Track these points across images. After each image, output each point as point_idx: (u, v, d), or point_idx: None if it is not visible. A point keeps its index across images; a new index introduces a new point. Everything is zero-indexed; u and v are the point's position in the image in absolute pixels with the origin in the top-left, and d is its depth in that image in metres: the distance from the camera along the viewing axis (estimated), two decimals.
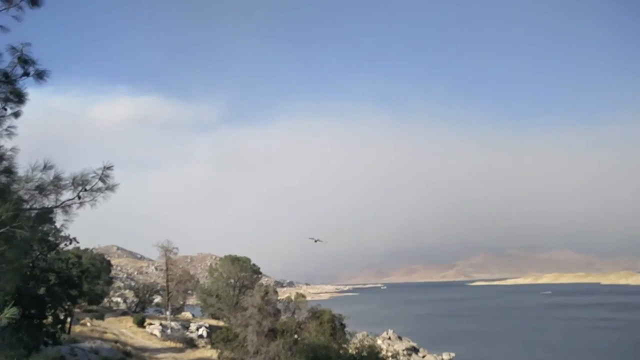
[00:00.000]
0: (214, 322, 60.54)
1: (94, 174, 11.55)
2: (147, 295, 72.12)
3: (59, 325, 27.75)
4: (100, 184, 11.63)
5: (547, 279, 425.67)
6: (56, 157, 11.27)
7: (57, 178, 11.14)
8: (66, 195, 11.46)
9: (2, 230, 9.85)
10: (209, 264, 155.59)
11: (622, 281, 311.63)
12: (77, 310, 49.14)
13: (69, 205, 11.46)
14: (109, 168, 11.69)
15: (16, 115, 11.59)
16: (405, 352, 69.99)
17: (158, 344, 45.88)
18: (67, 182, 11.35)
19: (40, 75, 11.59)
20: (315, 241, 76.40)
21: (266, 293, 33.10)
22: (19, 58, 11.30)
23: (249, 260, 63.97)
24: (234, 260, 63.24)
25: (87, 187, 11.49)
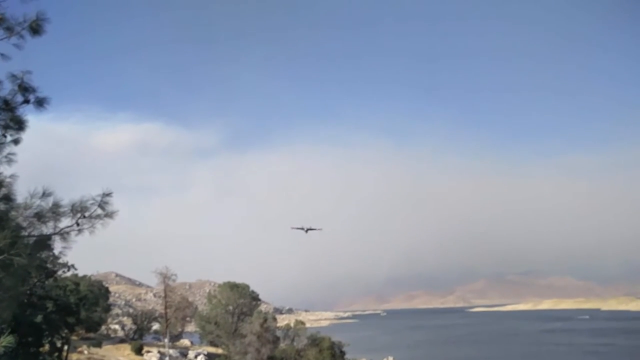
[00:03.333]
0: (212, 350, 59.73)
1: (93, 201, 11.53)
2: (145, 323, 71.31)
3: (56, 354, 27.36)
4: (99, 211, 11.59)
5: (546, 304, 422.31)
6: (56, 184, 11.27)
7: (56, 205, 11.11)
8: (65, 222, 11.43)
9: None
10: (207, 291, 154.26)
11: (622, 307, 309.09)
12: (74, 337, 48.50)
13: (68, 232, 11.40)
14: (108, 195, 11.67)
15: (16, 142, 11.62)
16: None
17: None
18: (66, 209, 11.32)
19: (40, 103, 11.66)
20: (307, 231, 73.77)
21: (265, 320, 32.75)
22: (19, 86, 11.38)
23: (247, 286, 63.49)
24: (233, 286, 62.76)
25: (86, 214, 11.45)
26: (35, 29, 11.17)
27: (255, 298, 64.40)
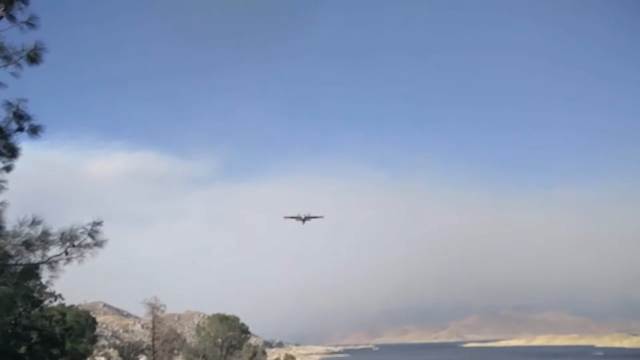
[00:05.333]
0: None
1: (83, 230, 11.46)
2: (132, 355, 69.88)
3: None
4: (89, 240, 11.51)
5: (540, 340, 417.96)
6: (48, 212, 11.21)
7: (45, 233, 11.03)
8: (53, 250, 11.32)
9: None
10: (196, 322, 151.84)
11: (617, 344, 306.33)
12: None
13: (56, 261, 11.29)
14: (98, 224, 11.61)
15: (8, 169, 11.59)
16: None
17: None
18: (55, 237, 11.23)
19: (34, 131, 11.69)
20: (304, 220, 67.73)
21: (254, 354, 32.23)
22: (14, 113, 11.43)
23: (237, 319, 62.61)
24: (222, 319, 61.87)
25: (75, 243, 11.36)
26: (33, 58, 11.29)
27: (244, 331, 63.44)
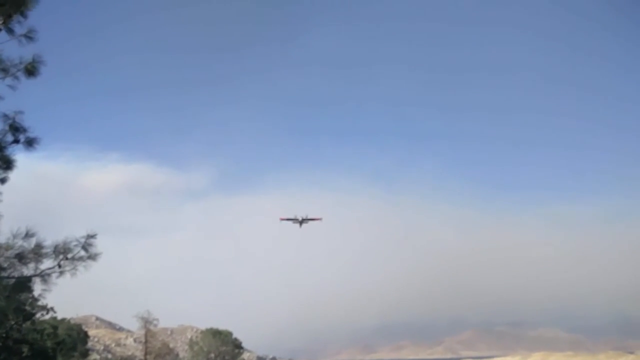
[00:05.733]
0: None
1: (77, 243, 11.42)
2: None
3: None
4: (83, 253, 11.48)
5: (535, 358, 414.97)
6: (43, 223, 11.18)
7: (39, 246, 10.99)
8: (47, 263, 11.28)
9: None
10: (189, 337, 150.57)
11: None
12: None
13: (49, 274, 11.23)
14: (92, 237, 11.58)
15: (2, 181, 11.58)
16: None
17: None
18: (49, 250, 11.19)
19: (30, 143, 11.70)
20: (301, 223, 63.92)
21: None
22: (10, 126, 11.45)
23: (230, 334, 62.20)
24: (216, 333, 61.45)
25: (69, 256, 11.32)
26: (31, 70, 11.35)
27: (238, 345, 63.04)
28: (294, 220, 66.16)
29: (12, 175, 11.76)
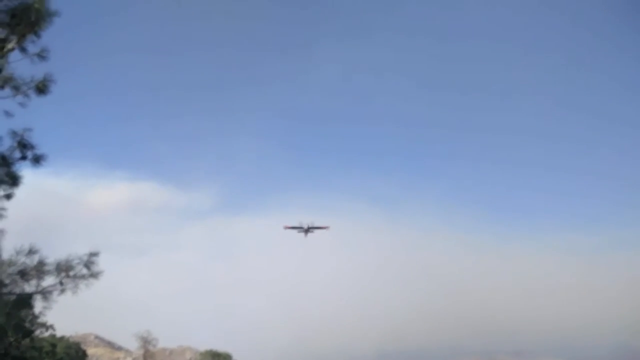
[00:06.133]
0: None
1: (79, 260, 11.43)
2: None
3: None
4: (85, 271, 11.48)
5: None
6: (46, 240, 11.25)
7: (41, 263, 11.00)
8: (48, 280, 11.27)
9: None
10: (188, 358, 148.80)
11: None
12: None
13: (50, 292, 11.22)
14: (95, 255, 11.60)
15: (8, 197, 11.64)
16: None
17: None
18: (51, 267, 11.21)
19: (37, 160, 11.79)
20: (306, 232, 59.71)
21: None
22: (18, 142, 11.57)
23: (229, 356, 61.58)
24: (215, 355, 60.86)
25: (71, 274, 11.32)
26: (42, 89, 11.51)
27: None
28: (299, 228, 63.28)
29: (18, 191, 11.84)
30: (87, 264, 11.50)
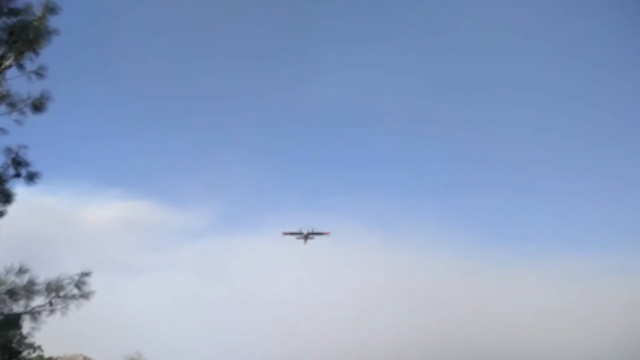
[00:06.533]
0: None
1: (70, 280, 11.25)
2: None
3: None
4: (75, 291, 11.28)
5: None
6: (38, 258, 11.08)
7: (31, 282, 10.81)
8: (38, 300, 11.07)
9: None
10: None
11: None
12: None
13: (39, 312, 11.01)
14: (86, 274, 11.42)
15: (0, 214, 11.50)
16: None
17: None
18: (41, 287, 11.01)
19: (31, 177, 11.68)
20: (306, 238, 57.30)
21: None
22: (13, 159, 11.47)
23: None
24: None
25: (61, 294, 11.12)
26: (38, 106, 11.46)
27: None
28: (298, 234, 60.51)
29: (12, 208, 11.70)
30: (78, 284, 11.31)
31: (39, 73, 11.38)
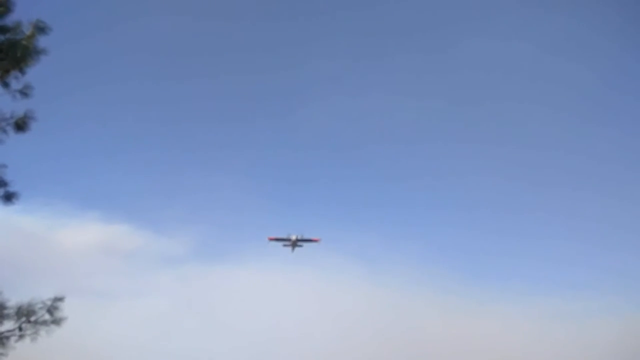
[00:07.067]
0: None
1: (42, 305, 10.93)
2: None
3: None
4: (47, 316, 10.96)
5: None
6: (11, 280, 10.76)
7: (1, 306, 10.49)
8: (7, 325, 10.73)
9: None
10: None
11: None
12: None
13: (7, 337, 10.65)
14: (59, 299, 11.12)
15: None
16: None
17: None
18: (11, 311, 10.68)
19: (9, 197, 11.43)
20: (294, 246, 51.68)
21: None
22: None
23: None
24: None
25: (32, 319, 10.80)
26: (21, 126, 11.30)
27: None
28: (286, 241, 53.50)
29: None
30: (50, 309, 11.00)
31: (24, 92, 11.27)
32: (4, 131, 11.16)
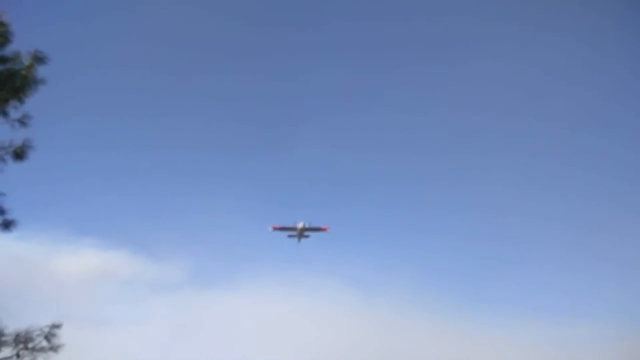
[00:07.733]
0: None
1: (40, 332, 10.95)
2: None
3: None
4: (45, 343, 10.98)
5: None
6: (9, 307, 10.79)
7: None
8: (5, 352, 10.73)
9: None
10: None
11: None
12: None
13: None
14: (57, 326, 11.14)
15: None
16: None
17: None
18: (9, 337, 10.70)
19: (7, 225, 11.53)
20: (300, 237, 48.67)
21: None
22: None
23: None
24: None
25: (30, 346, 10.80)
26: (19, 154, 11.46)
27: None
28: (291, 230, 48.71)
29: None
30: (48, 336, 11.02)
31: (23, 122, 11.45)
32: (3, 160, 11.31)
